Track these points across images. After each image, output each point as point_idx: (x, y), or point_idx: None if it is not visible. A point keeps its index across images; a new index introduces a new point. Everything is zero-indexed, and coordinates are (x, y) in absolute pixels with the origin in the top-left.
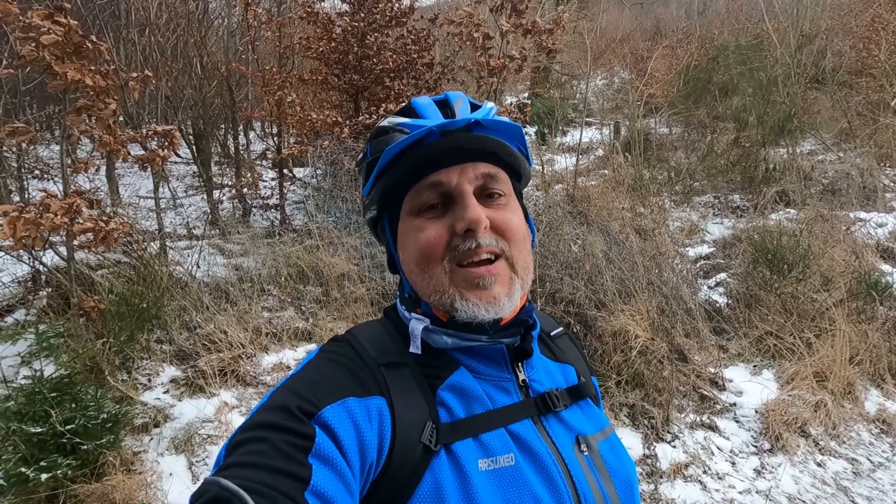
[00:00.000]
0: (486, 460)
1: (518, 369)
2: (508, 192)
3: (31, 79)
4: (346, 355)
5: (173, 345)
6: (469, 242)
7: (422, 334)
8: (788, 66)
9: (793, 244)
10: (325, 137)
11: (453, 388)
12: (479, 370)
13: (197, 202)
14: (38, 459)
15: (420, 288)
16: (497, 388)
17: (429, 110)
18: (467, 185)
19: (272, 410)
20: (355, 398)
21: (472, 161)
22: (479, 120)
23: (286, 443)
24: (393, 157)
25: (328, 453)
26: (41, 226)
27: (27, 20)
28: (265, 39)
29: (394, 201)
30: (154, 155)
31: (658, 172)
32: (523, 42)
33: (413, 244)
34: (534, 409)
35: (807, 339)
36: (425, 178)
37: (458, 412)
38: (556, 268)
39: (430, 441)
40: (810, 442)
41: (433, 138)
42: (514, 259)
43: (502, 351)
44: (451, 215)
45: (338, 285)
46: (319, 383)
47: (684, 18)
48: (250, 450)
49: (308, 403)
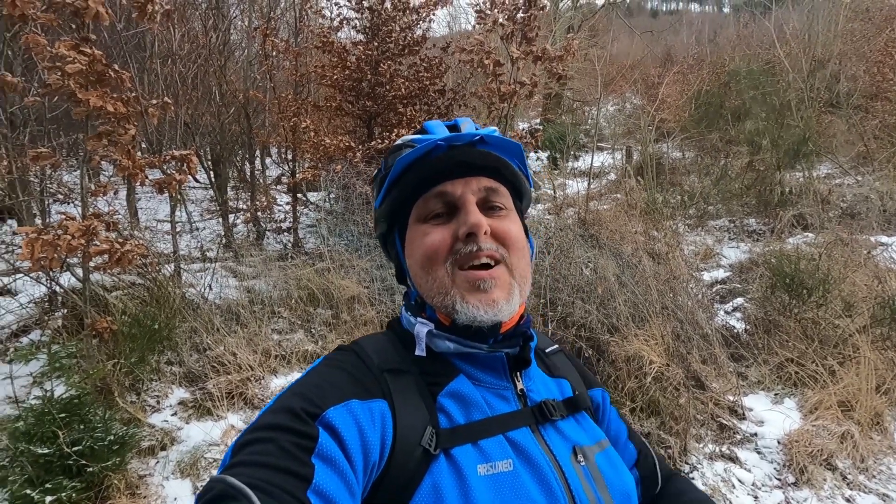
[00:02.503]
0: (485, 465)
1: (516, 378)
2: (509, 207)
3: (57, 107)
4: (350, 361)
5: (183, 366)
6: (470, 245)
7: (426, 338)
8: (801, 90)
9: (812, 268)
10: (338, 162)
11: (453, 395)
12: (478, 377)
13: (212, 225)
14: (44, 481)
15: (424, 290)
16: (496, 396)
17: (438, 129)
18: (470, 196)
19: (278, 412)
20: (358, 400)
21: (475, 175)
22: (484, 136)
23: (290, 443)
24: (403, 170)
25: (331, 453)
26: (58, 247)
27: (54, 51)
28: (282, 68)
29: (403, 213)
30: (170, 179)
31: (671, 196)
32: (534, 69)
33: (419, 247)
34: (531, 417)
35: (830, 367)
36: (432, 188)
37: (457, 418)
38: (567, 291)
39: (430, 445)
40: (837, 475)
41: (440, 152)
42: (513, 266)
43: (502, 359)
44: (455, 222)
45: (348, 308)
46: (323, 387)
47: (695, 45)
48: (256, 450)
49: (312, 405)
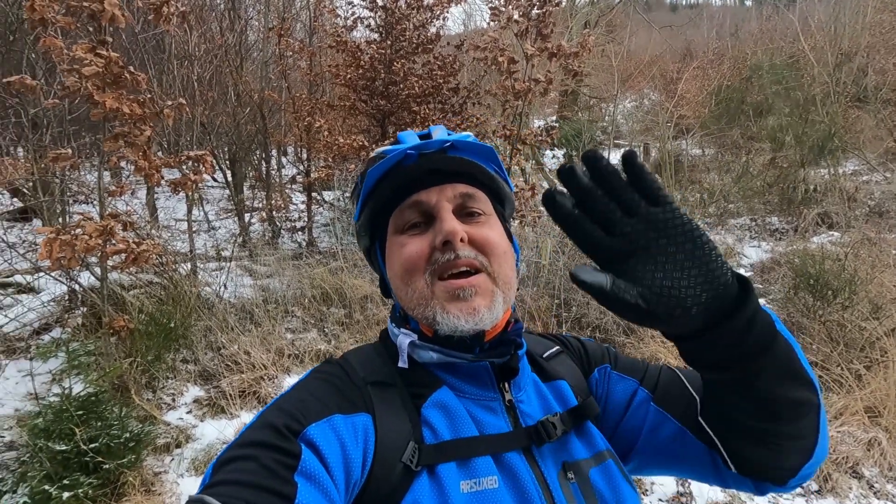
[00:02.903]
0: (469, 482)
1: (504, 389)
2: (488, 212)
3: (77, 108)
4: (336, 374)
5: (198, 365)
6: (448, 254)
7: (408, 349)
8: (827, 84)
9: (837, 269)
10: (352, 161)
11: (437, 407)
12: (462, 389)
13: (228, 224)
14: (62, 477)
15: (405, 302)
16: (482, 408)
17: (409, 138)
18: (445, 203)
19: (260, 429)
20: (341, 415)
21: (450, 182)
22: (454, 142)
23: (273, 460)
24: (376, 182)
25: (313, 471)
26: (76, 247)
27: (72, 53)
28: (297, 68)
29: (381, 225)
30: (186, 179)
31: (690, 194)
32: (549, 66)
33: (397, 259)
34: (525, 440)
35: (856, 371)
36: (407, 198)
37: (442, 433)
38: (581, 292)
39: (412, 462)
40: (864, 484)
41: (411, 161)
42: (495, 273)
43: (487, 368)
44: (432, 231)
45: (360, 307)
46: (307, 402)
47: (716, 39)
48: (237, 468)
49: (294, 422)
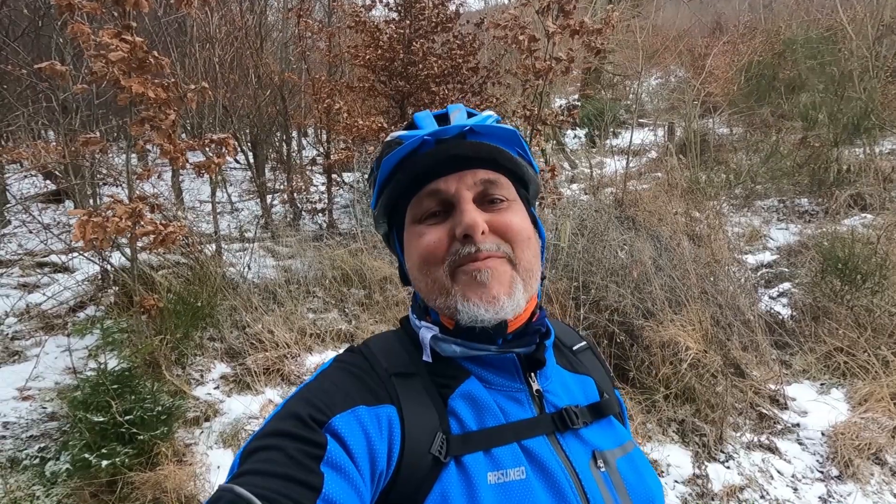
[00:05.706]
0: (496, 473)
1: (531, 379)
2: (512, 198)
3: (104, 93)
4: (358, 365)
5: (224, 343)
6: (469, 247)
7: (430, 342)
8: (866, 58)
9: (868, 252)
10: (372, 143)
11: (464, 398)
12: (489, 380)
13: (251, 206)
14: (100, 447)
15: (424, 293)
16: (509, 399)
17: (425, 121)
18: (465, 192)
19: (285, 419)
20: (365, 406)
21: (470, 168)
22: (473, 127)
23: (299, 451)
24: (393, 169)
25: (340, 462)
26: (107, 229)
27: (98, 39)
28: (316, 49)
29: (399, 212)
30: (209, 162)
31: (715, 175)
32: (571, 43)
33: (415, 249)
34: (550, 426)
35: (883, 358)
36: (425, 186)
37: (469, 424)
38: (601, 274)
39: (440, 452)
40: (886, 470)
41: (428, 147)
42: (517, 259)
43: (513, 360)
44: (452, 220)
45: (380, 288)
46: (331, 392)
47: (748, 12)
48: (264, 458)
49: (319, 412)
